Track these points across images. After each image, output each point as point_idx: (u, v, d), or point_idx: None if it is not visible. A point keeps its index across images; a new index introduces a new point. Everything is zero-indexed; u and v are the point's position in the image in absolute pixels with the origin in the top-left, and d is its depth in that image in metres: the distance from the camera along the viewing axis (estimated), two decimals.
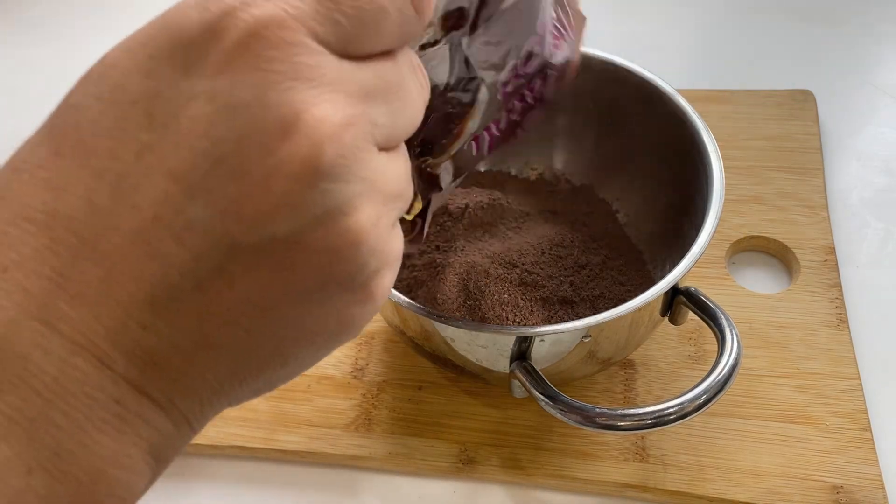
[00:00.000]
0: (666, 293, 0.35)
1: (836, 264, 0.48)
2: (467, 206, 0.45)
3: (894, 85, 0.60)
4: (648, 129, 0.44)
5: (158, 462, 0.19)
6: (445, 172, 0.29)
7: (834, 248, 0.49)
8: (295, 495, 0.42)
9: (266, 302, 0.18)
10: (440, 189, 0.29)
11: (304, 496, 0.42)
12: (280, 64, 0.17)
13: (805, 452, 0.41)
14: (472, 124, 0.28)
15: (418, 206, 0.28)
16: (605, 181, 0.49)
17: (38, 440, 0.16)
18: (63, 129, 0.18)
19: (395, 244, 0.20)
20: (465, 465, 0.42)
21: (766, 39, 0.65)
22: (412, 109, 0.21)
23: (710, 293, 0.37)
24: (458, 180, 0.30)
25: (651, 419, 0.33)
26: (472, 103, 0.27)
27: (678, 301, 0.38)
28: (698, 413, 0.33)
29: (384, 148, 0.19)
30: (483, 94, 0.27)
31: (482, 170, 0.51)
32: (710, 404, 0.33)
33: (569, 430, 0.42)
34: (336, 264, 0.18)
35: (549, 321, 0.40)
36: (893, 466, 0.40)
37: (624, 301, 0.35)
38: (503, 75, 0.28)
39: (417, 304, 0.36)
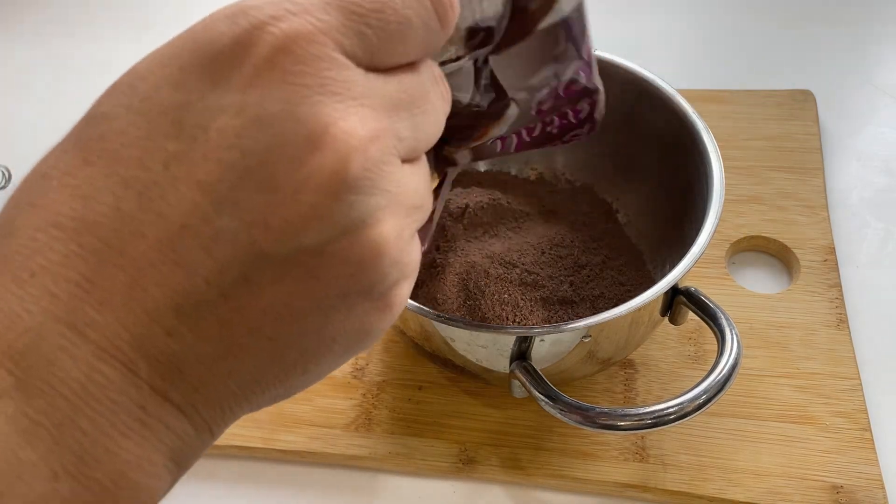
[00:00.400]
0: (666, 293, 0.35)
1: (836, 264, 0.48)
2: (467, 206, 0.45)
3: (894, 85, 0.60)
4: (648, 130, 0.44)
5: (179, 467, 0.19)
6: (463, 158, 0.28)
7: (834, 248, 0.49)
8: (295, 495, 0.42)
9: (291, 311, 0.18)
10: (454, 165, 0.29)
11: (304, 496, 0.42)
12: (309, 78, 0.17)
13: (805, 452, 0.41)
14: (497, 131, 0.27)
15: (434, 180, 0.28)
16: (605, 181, 0.49)
17: (63, 445, 0.17)
18: (91, 137, 0.18)
19: (414, 255, 0.21)
20: (465, 465, 0.42)
21: (766, 39, 0.65)
22: (435, 122, 0.21)
23: (710, 293, 0.37)
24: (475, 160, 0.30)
25: (651, 419, 0.33)
26: (499, 116, 0.27)
27: (678, 301, 0.38)
28: (698, 413, 0.33)
29: (407, 160, 0.20)
30: (513, 109, 0.27)
31: (482, 170, 0.51)
32: (710, 404, 0.33)
33: (569, 430, 0.42)
34: (359, 274, 0.19)
35: (549, 321, 0.40)
36: (893, 466, 0.40)
37: (624, 301, 0.35)
38: (540, 95, 0.27)
39: (417, 304, 0.36)
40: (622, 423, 0.33)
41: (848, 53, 0.63)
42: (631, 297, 0.35)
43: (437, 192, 0.30)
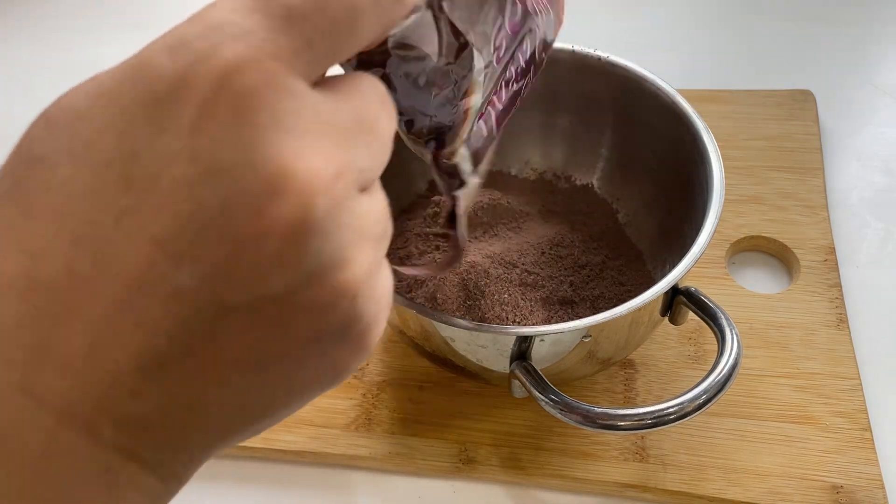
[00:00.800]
0: (666, 293, 0.35)
1: (836, 264, 0.48)
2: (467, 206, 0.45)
3: (894, 85, 0.60)
4: (648, 129, 0.44)
5: None
6: (464, 161, 0.28)
7: (834, 248, 0.49)
8: (295, 495, 0.42)
9: (259, 361, 0.18)
10: (462, 182, 0.28)
11: (304, 496, 0.42)
12: (260, 114, 0.16)
13: (805, 452, 0.41)
14: (477, 100, 0.27)
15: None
16: (605, 181, 0.49)
17: None
18: (33, 187, 0.17)
19: (386, 286, 0.20)
20: (465, 465, 0.42)
21: (766, 39, 0.65)
22: (386, 145, 0.20)
23: (710, 293, 0.37)
24: (480, 171, 0.29)
25: (651, 419, 0.33)
26: (469, 72, 0.26)
27: (678, 301, 0.38)
28: (698, 413, 0.33)
29: (365, 189, 0.19)
30: (478, 61, 0.26)
31: None
32: (710, 404, 0.33)
33: (569, 430, 0.42)
34: (331, 318, 0.18)
35: (549, 321, 0.40)
36: (893, 466, 0.40)
37: (624, 301, 0.35)
38: (494, 37, 0.27)
39: (417, 304, 0.36)
40: (622, 423, 0.33)
41: (848, 53, 0.63)
42: (631, 297, 0.35)
43: (451, 223, 0.29)
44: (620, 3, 0.70)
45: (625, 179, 0.48)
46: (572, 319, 0.36)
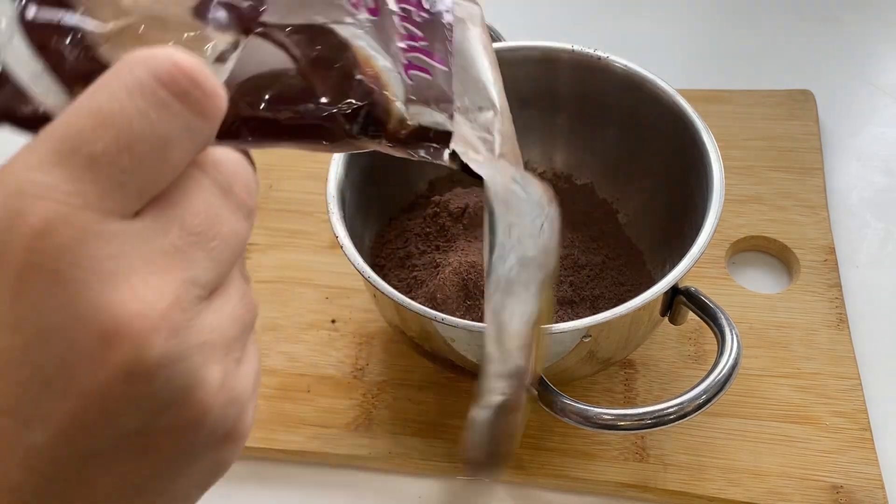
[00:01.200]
0: (666, 293, 0.35)
1: (836, 264, 0.48)
2: (467, 206, 0.45)
3: (894, 85, 0.60)
4: (648, 129, 0.44)
5: None
6: (422, 116, 0.23)
7: (834, 248, 0.49)
8: (295, 495, 0.42)
9: (134, 488, 0.18)
10: (443, 135, 0.24)
11: (304, 496, 0.42)
12: (78, 269, 0.16)
13: (805, 452, 0.41)
14: (376, 56, 0.23)
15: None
16: (605, 181, 0.49)
17: None
18: None
19: (247, 382, 0.20)
20: (465, 465, 0.42)
21: (766, 39, 0.65)
22: (236, 236, 0.19)
23: (710, 293, 0.37)
24: (466, 105, 0.25)
25: (651, 419, 0.33)
26: (343, 50, 0.22)
27: (678, 301, 0.38)
28: (698, 413, 0.33)
29: (214, 293, 0.18)
30: (347, 30, 0.23)
31: None
32: (710, 404, 0.33)
33: (569, 430, 0.42)
34: (196, 432, 0.18)
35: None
36: (893, 466, 0.40)
37: (624, 301, 0.35)
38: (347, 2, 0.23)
39: (417, 304, 0.36)
40: (622, 423, 0.33)
41: (848, 53, 0.63)
42: (631, 297, 0.35)
43: (472, 174, 0.24)
44: (620, 3, 0.70)
45: (625, 179, 0.48)
46: (572, 319, 0.36)
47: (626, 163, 0.48)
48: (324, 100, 0.21)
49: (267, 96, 0.21)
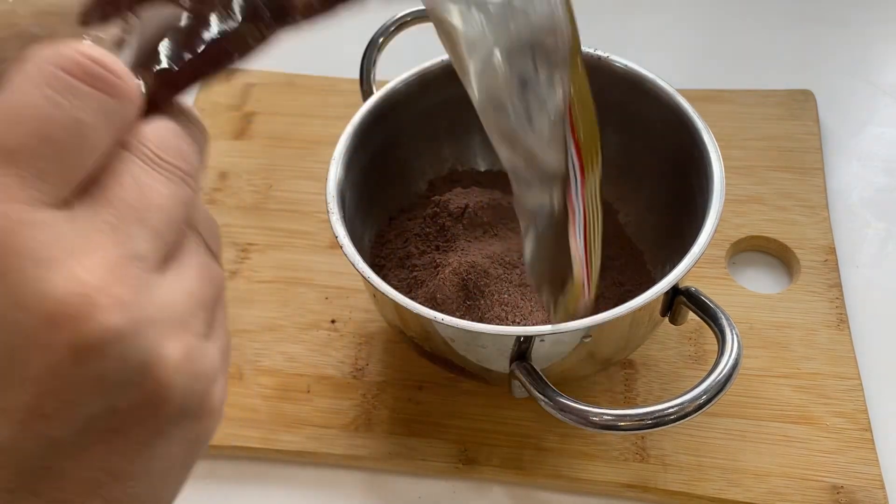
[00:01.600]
0: (666, 293, 0.35)
1: (837, 264, 0.48)
2: (467, 206, 0.45)
3: (894, 85, 0.60)
4: (649, 130, 0.44)
5: None
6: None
7: (834, 248, 0.49)
8: (295, 495, 0.42)
9: (108, 473, 0.18)
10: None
11: (304, 496, 0.42)
12: (13, 258, 0.16)
13: (805, 452, 0.41)
14: None
15: None
16: (605, 181, 0.49)
17: None
18: None
19: (213, 357, 0.19)
20: (465, 465, 0.42)
21: (766, 39, 0.65)
22: (171, 201, 0.19)
23: (710, 293, 0.37)
24: None
25: (651, 419, 0.33)
26: None
27: (678, 301, 0.38)
28: (698, 413, 0.33)
29: (165, 262, 0.18)
30: None
31: (482, 170, 0.51)
32: (710, 404, 0.33)
33: (569, 430, 0.42)
34: (163, 409, 0.18)
35: (549, 321, 0.40)
36: (893, 466, 0.40)
37: (624, 301, 0.35)
38: None
39: (417, 305, 0.36)
40: (622, 424, 0.33)
41: (848, 53, 0.63)
42: (631, 297, 0.35)
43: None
44: (620, 3, 0.70)
45: (625, 179, 0.48)
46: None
47: (627, 163, 0.47)
48: (218, 19, 0.21)
49: (179, 47, 0.21)
